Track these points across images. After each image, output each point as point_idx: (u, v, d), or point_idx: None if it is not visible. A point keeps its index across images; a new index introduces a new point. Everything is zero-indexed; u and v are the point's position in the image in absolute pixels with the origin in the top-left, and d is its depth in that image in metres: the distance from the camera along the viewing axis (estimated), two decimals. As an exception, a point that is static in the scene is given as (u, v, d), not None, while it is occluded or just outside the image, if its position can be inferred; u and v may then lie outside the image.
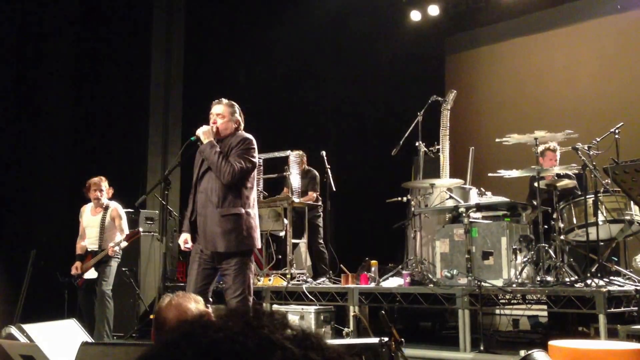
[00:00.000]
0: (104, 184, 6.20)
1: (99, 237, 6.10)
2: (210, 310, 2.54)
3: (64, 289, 6.62)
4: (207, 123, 4.25)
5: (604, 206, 5.62)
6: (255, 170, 4.31)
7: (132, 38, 9.15)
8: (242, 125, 4.32)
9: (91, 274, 6.03)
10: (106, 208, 6.19)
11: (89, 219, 6.22)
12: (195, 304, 2.43)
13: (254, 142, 4.21)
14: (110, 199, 6.31)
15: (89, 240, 6.17)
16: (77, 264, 6.10)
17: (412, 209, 6.57)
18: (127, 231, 6.21)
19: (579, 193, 6.14)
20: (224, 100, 4.28)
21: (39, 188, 8.43)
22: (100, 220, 6.13)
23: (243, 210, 4.09)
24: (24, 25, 8.48)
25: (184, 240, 4.25)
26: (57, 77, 8.71)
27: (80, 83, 8.92)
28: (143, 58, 8.99)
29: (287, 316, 0.77)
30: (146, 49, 8.98)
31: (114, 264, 6.11)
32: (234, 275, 4.04)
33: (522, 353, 4.92)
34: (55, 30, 8.67)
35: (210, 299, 4.21)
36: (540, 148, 6.29)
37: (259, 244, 4.29)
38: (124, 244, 6.10)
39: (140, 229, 6.64)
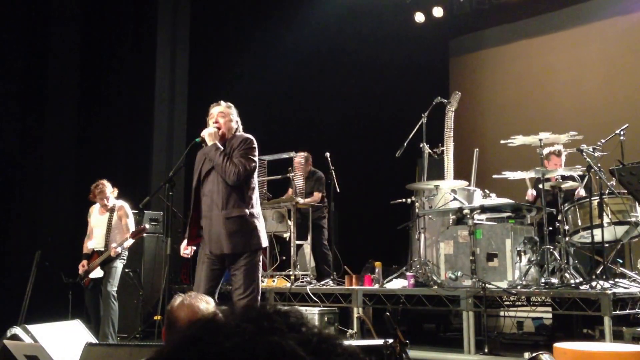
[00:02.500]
0: (108, 189, 6.16)
1: (105, 237, 6.09)
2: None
3: (69, 289, 6.63)
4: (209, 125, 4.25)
5: (609, 208, 5.59)
6: (257, 171, 4.31)
7: (137, 39, 9.17)
8: (241, 127, 4.32)
9: (97, 273, 6.03)
10: (112, 208, 6.20)
11: (96, 219, 6.23)
12: (206, 304, 2.45)
13: (255, 141, 4.21)
14: (117, 198, 6.31)
15: (95, 240, 6.16)
16: (84, 262, 6.12)
17: (417, 210, 6.56)
18: (133, 230, 6.19)
19: (584, 195, 6.12)
20: (223, 102, 4.28)
21: (44, 189, 8.45)
22: (108, 221, 6.13)
23: (247, 212, 4.08)
24: (29, 26, 8.50)
25: (184, 247, 4.26)
26: (62, 78, 8.73)
27: (85, 84, 8.94)
28: (148, 59, 9.01)
29: (303, 316, 0.73)
30: (151, 51, 8.99)
31: (120, 264, 6.10)
32: (244, 275, 4.04)
33: (527, 355, 4.92)
34: (60, 32, 8.69)
35: (217, 300, 4.21)
36: (545, 151, 6.28)
37: (265, 242, 4.25)
38: (130, 242, 6.07)
39: (147, 226, 6.63)
